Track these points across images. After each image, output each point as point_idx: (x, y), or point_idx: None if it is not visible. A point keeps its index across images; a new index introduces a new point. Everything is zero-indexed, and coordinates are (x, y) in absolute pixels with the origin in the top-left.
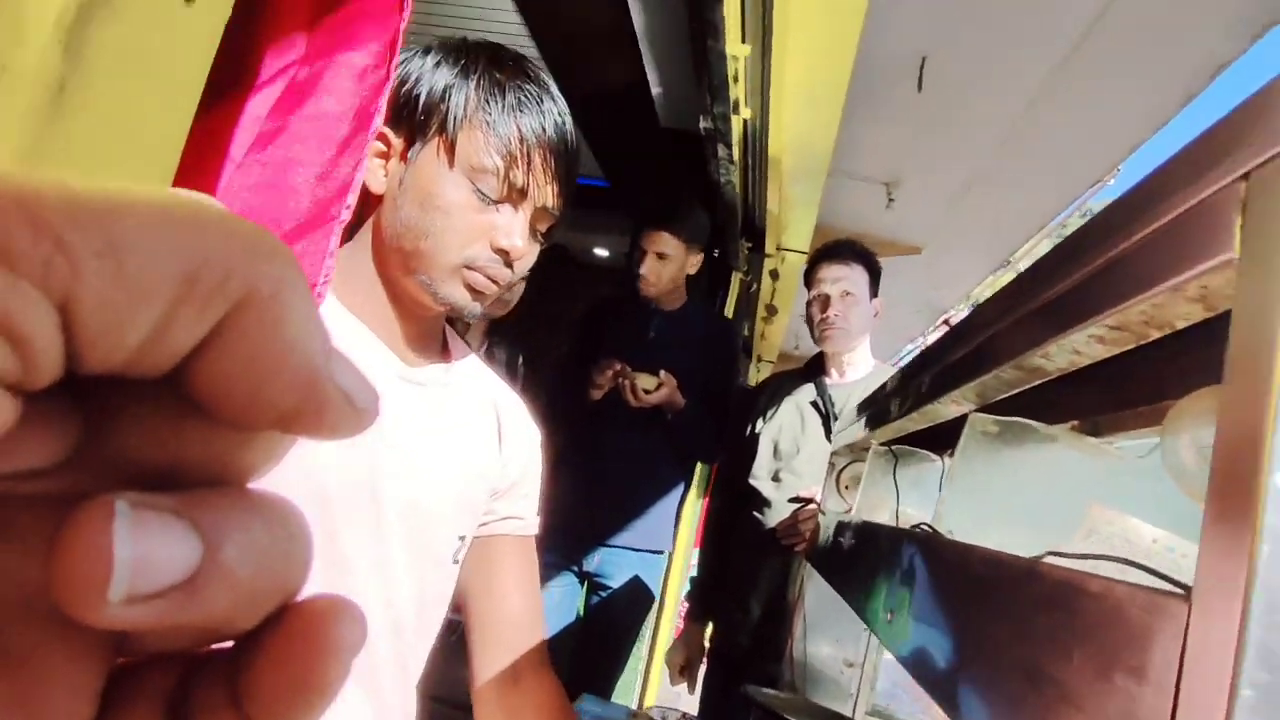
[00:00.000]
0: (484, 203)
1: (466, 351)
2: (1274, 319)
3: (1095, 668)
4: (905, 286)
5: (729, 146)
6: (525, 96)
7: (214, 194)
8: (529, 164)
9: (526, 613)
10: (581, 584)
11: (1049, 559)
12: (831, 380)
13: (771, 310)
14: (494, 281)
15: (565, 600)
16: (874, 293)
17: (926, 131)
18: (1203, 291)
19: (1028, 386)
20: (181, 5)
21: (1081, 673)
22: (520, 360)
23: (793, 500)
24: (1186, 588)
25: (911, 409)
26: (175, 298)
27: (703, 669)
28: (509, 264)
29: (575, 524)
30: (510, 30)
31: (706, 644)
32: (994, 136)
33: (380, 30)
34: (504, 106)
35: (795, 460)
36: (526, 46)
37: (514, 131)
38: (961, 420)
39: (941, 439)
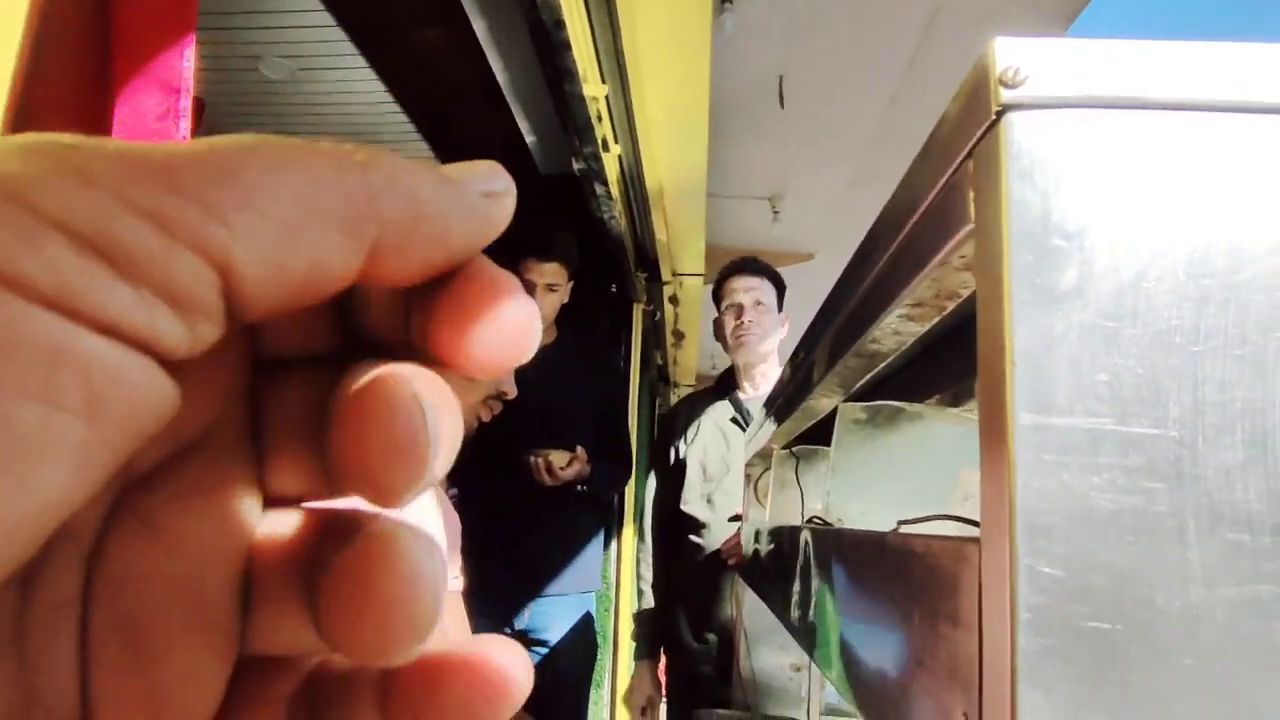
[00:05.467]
0: None
1: None
2: (1002, 276)
3: (927, 621)
4: (804, 293)
5: (605, 184)
6: None
7: None
8: None
9: None
10: None
11: (902, 529)
12: (745, 395)
13: (679, 335)
14: None
15: None
16: (779, 307)
17: (798, 144)
18: (965, 261)
19: (877, 371)
20: None
21: (920, 628)
22: None
23: (733, 519)
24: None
25: (792, 409)
26: (322, 228)
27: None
28: None
29: (500, 582)
30: (374, 98)
31: (663, 679)
32: (864, 138)
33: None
34: None
35: (727, 479)
36: (393, 112)
37: None
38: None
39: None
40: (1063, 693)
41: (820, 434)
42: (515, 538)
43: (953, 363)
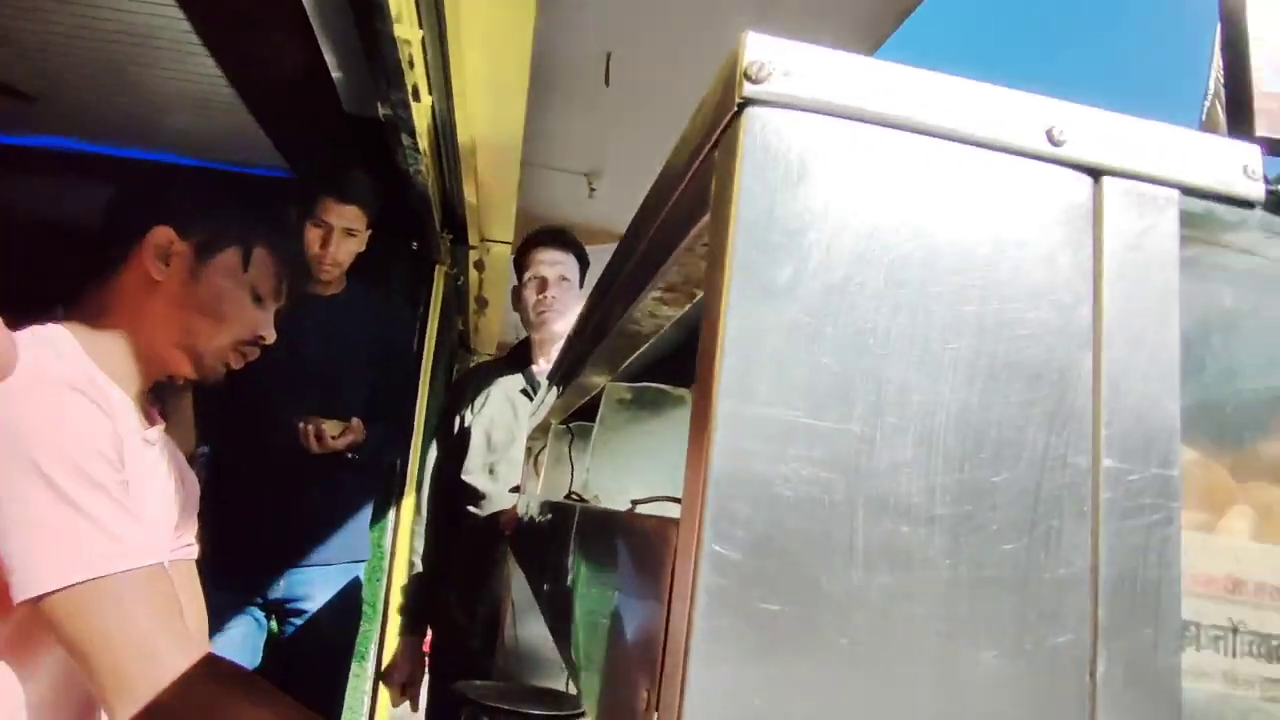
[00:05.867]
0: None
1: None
2: (725, 266)
3: (633, 599)
4: None
5: (413, 135)
6: None
7: None
8: None
9: (198, 633)
10: (268, 618)
11: (637, 510)
12: (539, 368)
13: (482, 302)
14: None
15: (247, 641)
16: (582, 284)
17: (620, 124)
18: (708, 249)
19: (644, 352)
20: None
21: (628, 606)
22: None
23: (514, 490)
24: None
25: (568, 385)
26: None
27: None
28: None
29: (255, 550)
30: (167, 13)
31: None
32: (684, 126)
33: None
34: None
35: (513, 449)
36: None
37: None
38: None
39: None
40: (730, 672)
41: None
42: (272, 504)
43: None
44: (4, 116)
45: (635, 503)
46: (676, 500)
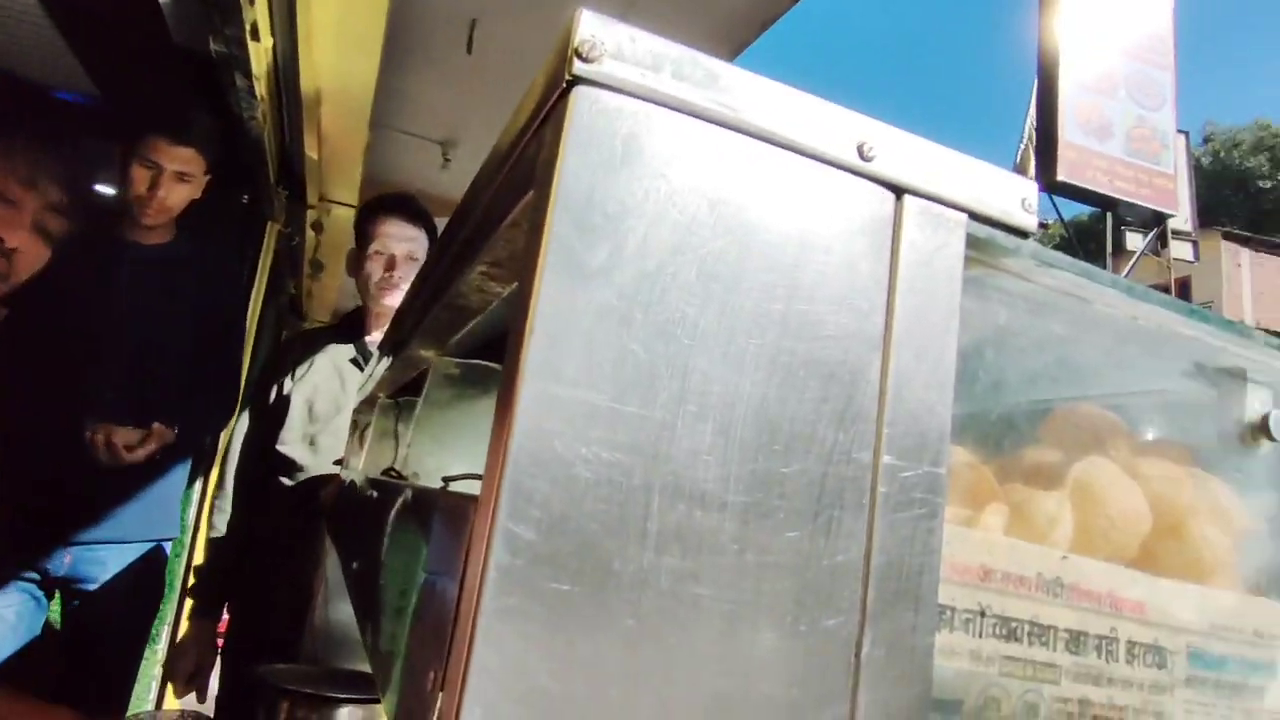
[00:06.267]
0: None
1: None
2: (541, 244)
3: (430, 577)
4: None
5: (248, 77)
6: None
7: None
8: None
9: None
10: (49, 595)
11: (449, 487)
12: (372, 339)
13: (318, 266)
14: None
15: (26, 619)
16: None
17: (480, 94)
18: (529, 226)
19: (469, 328)
20: None
21: (425, 585)
22: None
23: (337, 463)
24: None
25: (395, 358)
26: None
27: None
28: None
29: (35, 522)
30: None
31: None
32: None
33: None
34: None
35: (337, 419)
36: None
37: None
38: None
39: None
40: (516, 651)
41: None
42: (53, 472)
43: None
44: None
45: (446, 480)
46: (479, 477)
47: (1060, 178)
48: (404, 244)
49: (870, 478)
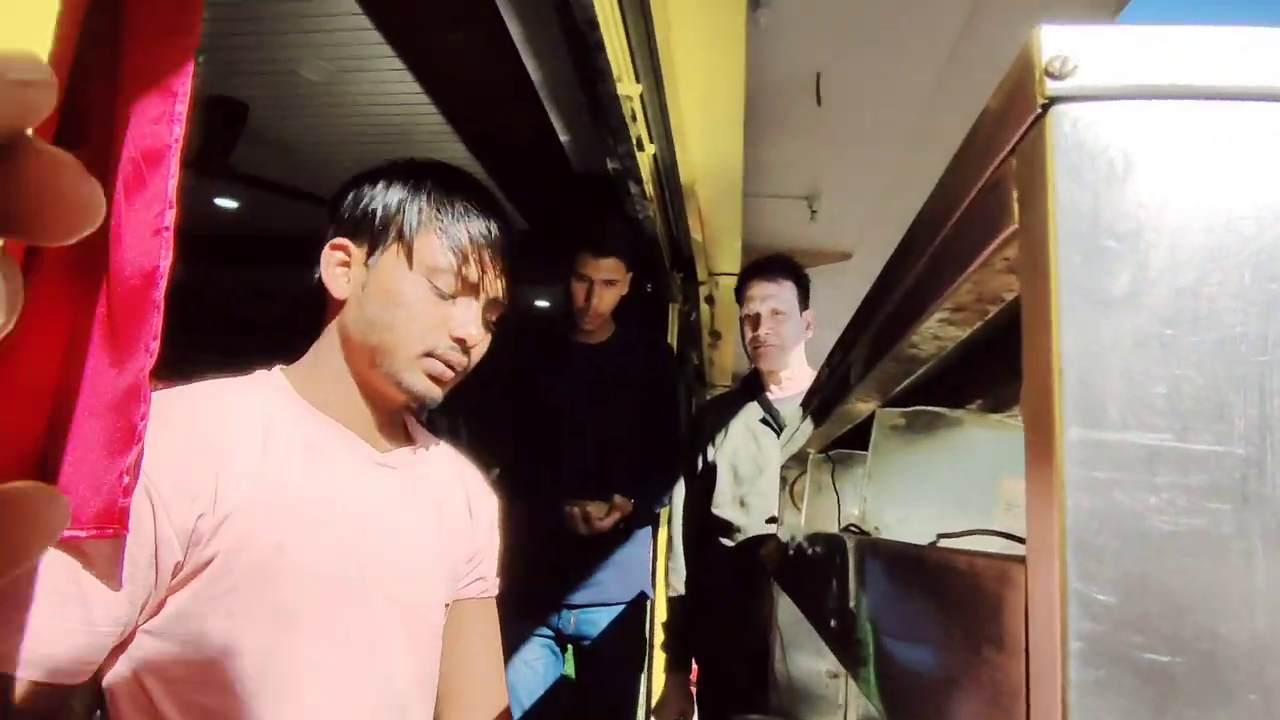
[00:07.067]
0: (440, 298)
1: (426, 434)
2: (1049, 280)
3: (969, 643)
4: (842, 291)
5: (639, 183)
6: (471, 205)
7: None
8: (480, 261)
9: (491, 671)
10: (563, 649)
11: (941, 543)
12: (773, 395)
13: (715, 335)
14: (451, 368)
15: (549, 669)
16: (804, 305)
17: (835, 143)
18: (1008, 264)
19: (916, 376)
20: None
21: (961, 651)
22: (461, 420)
23: (770, 521)
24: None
25: (828, 412)
26: None
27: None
28: (465, 351)
29: (548, 589)
30: (411, 98)
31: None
32: (903, 135)
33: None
34: (454, 214)
35: (760, 481)
36: (429, 112)
37: (464, 234)
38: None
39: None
40: None
41: (857, 439)
42: (566, 540)
43: (993, 367)
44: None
45: (942, 536)
46: (992, 533)
47: None
48: (765, 302)
49: None
